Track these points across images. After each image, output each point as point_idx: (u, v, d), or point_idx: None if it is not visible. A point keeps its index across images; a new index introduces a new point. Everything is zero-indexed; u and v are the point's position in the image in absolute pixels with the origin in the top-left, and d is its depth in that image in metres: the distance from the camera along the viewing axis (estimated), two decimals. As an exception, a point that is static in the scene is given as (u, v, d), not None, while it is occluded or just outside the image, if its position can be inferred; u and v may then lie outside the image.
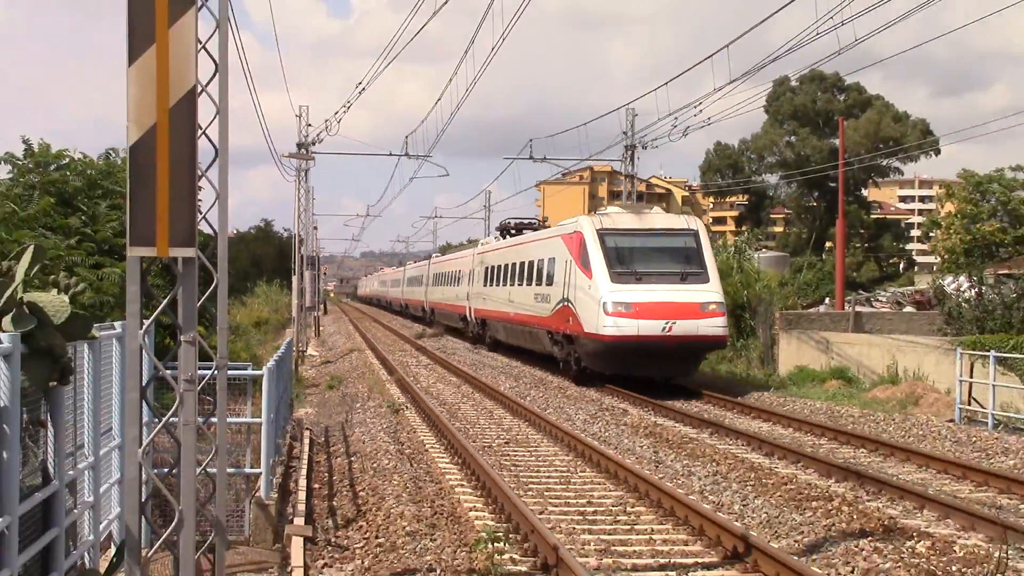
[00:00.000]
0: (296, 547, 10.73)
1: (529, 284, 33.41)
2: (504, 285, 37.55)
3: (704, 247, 27.33)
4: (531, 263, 33.62)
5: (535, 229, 40.09)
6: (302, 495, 13.32)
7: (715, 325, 25.68)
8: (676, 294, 25.62)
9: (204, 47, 7.29)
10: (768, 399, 26.17)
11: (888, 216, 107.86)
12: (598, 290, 25.89)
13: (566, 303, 28.14)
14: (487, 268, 41.27)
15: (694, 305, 25.48)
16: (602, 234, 27.06)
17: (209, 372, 8.64)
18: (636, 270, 26.36)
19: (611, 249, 26.68)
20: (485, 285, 41.31)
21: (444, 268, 56.09)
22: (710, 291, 26.10)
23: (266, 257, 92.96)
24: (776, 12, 28.12)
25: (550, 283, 30.32)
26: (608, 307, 25.39)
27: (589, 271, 26.61)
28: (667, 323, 25.01)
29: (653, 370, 26.32)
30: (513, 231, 42.10)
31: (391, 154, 45.17)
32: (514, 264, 36.38)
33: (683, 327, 25.10)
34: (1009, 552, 10.84)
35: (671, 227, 28.21)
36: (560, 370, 30.25)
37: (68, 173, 24.44)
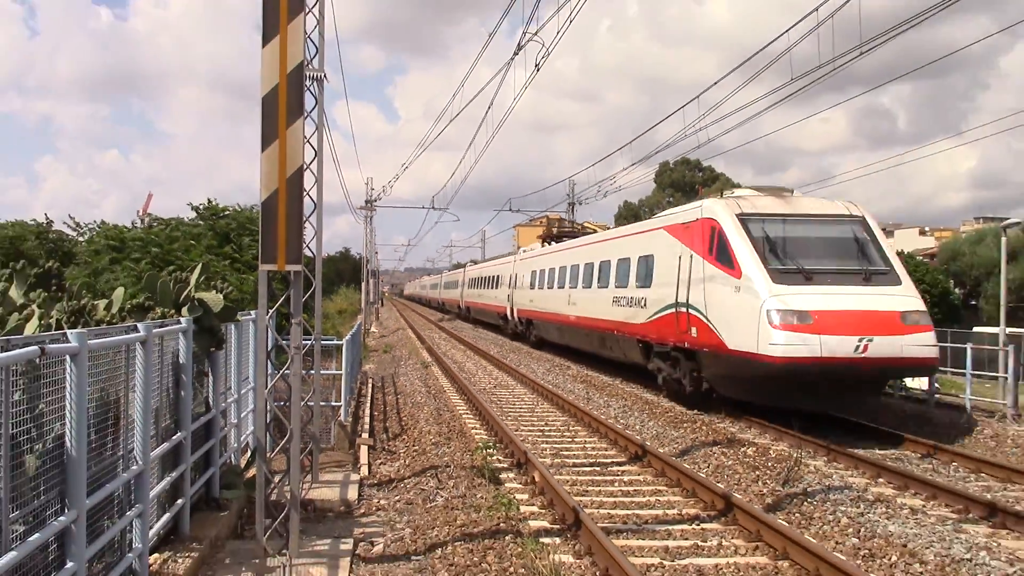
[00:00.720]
0: (363, 451, 10.67)
1: (603, 286, 19.53)
2: (560, 288, 24.05)
3: (880, 238, 13.68)
4: (606, 263, 19.70)
5: (574, 236, 28.49)
6: (367, 419, 13.23)
7: (924, 343, 11.95)
8: (866, 300, 12.22)
9: (308, 141, 7.27)
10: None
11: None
12: (755, 293, 12.36)
13: (685, 309, 14.28)
14: (534, 271, 28.20)
15: (893, 315, 12.06)
16: (744, 219, 13.41)
17: (309, 342, 8.58)
18: (803, 267, 12.69)
19: (760, 239, 13.09)
20: (532, 287, 28.07)
21: (480, 273, 43.27)
22: (908, 296, 12.55)
23: (345, 271, 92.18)
24: (660, 122, 28.50)
25: (646, 284, 16.54)
26: (774, 317, 11.92)
27: (734, 268, 12.95)
28: (861, 340, 11.63)
29: (832, 404, 12.71)
30: (555, 239, 29.79)
31: (423, 207, 45.13)
32: (575, 266, 22.68)
33: (883, 346, 11.71)
34: (802, 454, 10.90)
35: (831, 212, 13.89)
36: (656, 385, 16.39)
37: (230, 220, 25.08)
